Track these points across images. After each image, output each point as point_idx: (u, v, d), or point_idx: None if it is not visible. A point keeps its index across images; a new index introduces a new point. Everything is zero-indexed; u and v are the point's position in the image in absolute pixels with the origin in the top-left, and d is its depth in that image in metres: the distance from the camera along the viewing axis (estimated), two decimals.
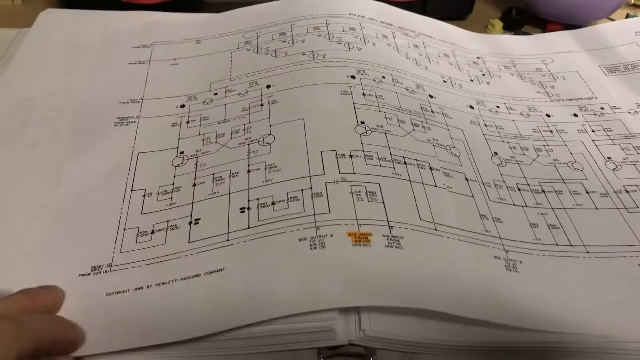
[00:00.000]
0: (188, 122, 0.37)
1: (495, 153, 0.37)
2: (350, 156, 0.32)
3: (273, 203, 0.30)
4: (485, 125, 0.40)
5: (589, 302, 0.29)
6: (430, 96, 0.40)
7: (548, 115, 0.42)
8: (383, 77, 0.39)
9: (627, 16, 0.58)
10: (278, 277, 0.27)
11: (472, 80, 0.44)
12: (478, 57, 0.47)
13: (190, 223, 0.31)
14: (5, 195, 0.33)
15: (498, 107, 0.42)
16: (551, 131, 0.40)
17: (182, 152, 0.35)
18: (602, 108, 0.43)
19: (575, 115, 0.42)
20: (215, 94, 0.39)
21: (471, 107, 0.41)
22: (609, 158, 0.38)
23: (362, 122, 0.35)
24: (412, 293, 0.27)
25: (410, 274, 0.27)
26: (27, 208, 0.32)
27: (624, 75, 0.46)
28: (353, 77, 0.38)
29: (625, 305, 0.29)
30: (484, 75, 0.45)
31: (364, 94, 0.37)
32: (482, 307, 0.27)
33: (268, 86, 0.39)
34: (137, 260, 0.29)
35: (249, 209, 0.30)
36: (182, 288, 0.28)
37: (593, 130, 0.41)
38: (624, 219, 0.34)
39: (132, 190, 0.33)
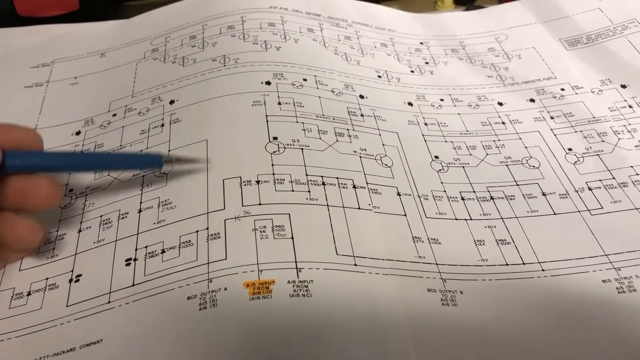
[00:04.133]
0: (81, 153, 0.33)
1: (436, 157, 0.32)
2: (257, 182, 0.28)
3: (163, 251, 0.26)
4: (426, 124, 0.35)
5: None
6: (361, 97, 0.35)
7: (500, 104, 0.37)
8: (304, 79, 0.34)
9: None
10: (160, 350, 0.22)
11: (412, 72, 0.39)
12: (421, 43, 0.42)
13: (70, 281, 0.26)
14: None
15: (442, 99, 0.37)
16: (503, 122, 0.35)
17: (71, 190, 0.30)
18: (563, 89, 0.38)
19: (531, 100, 0.37)
20: (114, 114, 0.34)
21: (410, 104, 0.36)
22: (570, 150, 0.33)
23: (275, 138, 0.30)
24: (317, 354, 0.22)
25: (319, 329, 0.23)
26: None
27: (587, 48, 0.41)
28: (268, 83, 0.33)
29: None
30: (427, 63, 0.40)
31: (279, 103, 0.32)
32: (407, 355, 0.23)
33: (172, 102, 0.34)
34: (8, 332, 0.25)
35: (135, 260, 0.26)
36: None
37: (552, 117, 0.36)
38: (586, 224, 0.29)
39: None
